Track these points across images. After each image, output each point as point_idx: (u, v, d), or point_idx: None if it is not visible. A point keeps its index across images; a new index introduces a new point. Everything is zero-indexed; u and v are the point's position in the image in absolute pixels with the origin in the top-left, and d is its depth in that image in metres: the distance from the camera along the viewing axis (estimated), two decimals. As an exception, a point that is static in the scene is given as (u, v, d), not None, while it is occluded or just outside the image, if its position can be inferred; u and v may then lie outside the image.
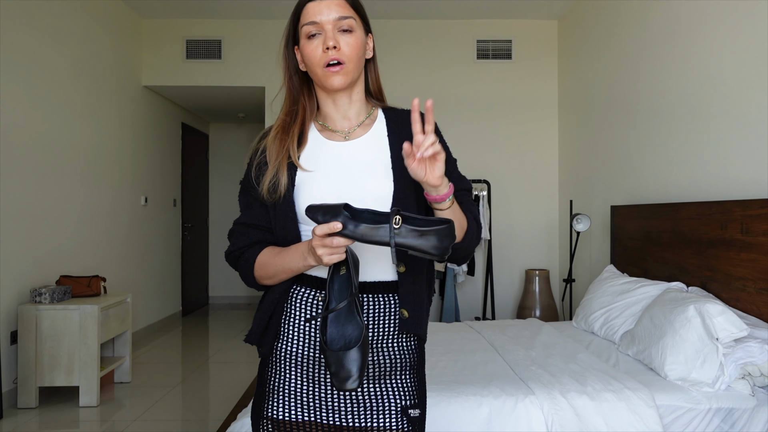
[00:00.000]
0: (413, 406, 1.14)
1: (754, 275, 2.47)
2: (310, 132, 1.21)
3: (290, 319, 1.15)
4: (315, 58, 1.12)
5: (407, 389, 1.15)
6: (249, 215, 1.21)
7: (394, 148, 1.17)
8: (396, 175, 1.14)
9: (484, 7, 5.00)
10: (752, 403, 2.10)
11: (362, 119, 1.21)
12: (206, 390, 3.91)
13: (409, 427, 1.12)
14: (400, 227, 0.95)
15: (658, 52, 3.48)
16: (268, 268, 1.14)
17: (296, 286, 1.16)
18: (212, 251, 7.55)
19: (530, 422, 2.03)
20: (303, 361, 1.14)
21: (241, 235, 1.21)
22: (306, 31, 1.13)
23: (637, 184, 3.76)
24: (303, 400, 1.13)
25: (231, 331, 5.75)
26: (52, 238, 3.84)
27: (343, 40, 1.12)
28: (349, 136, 1.19)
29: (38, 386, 3.38)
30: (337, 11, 1.12)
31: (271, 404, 1.15)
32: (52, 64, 3.88)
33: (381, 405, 1.12)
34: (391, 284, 1.15)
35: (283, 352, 1.15)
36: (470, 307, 5.29)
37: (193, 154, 6.88)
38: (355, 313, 1.02)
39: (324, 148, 1.18)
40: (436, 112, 1.36)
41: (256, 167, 1.18)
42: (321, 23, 1.12)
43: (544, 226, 5.30)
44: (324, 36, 1.11)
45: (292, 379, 1.14)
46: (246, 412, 2.07)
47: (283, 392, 1.14)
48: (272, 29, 5.26)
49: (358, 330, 1.02)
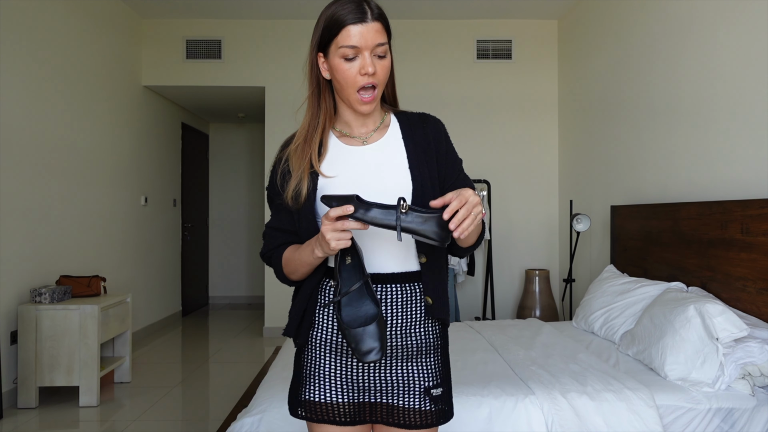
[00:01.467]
0: (436, 386, 1.25)
1: (754, 275, 2.47)
2: (330, 140, 1.27)
3: (324, 309, 1.26)
4: (350, 79, 1.17)
5: (431, 371, 1.26)
6: (276, 219, 1.31)
7: (410, 149, 1.26)
8: (414, 174, 1.22)
9: (484, 7, 5.00)
10: (752, 403, 2.10)
11: (378, 124, 1.29)
12: (206, 390, 3.91)
13: (431, 406, 1.23)
14: (407, 212, 1.05)
15: (658, 52, 3.48)
16: (290, 265, 1.25)
17: (326, 279, 1.26)
18: (212, 251, 7.56)
19: (530, 422, 2.03)
20: (336, 347, 1.24)
21: (271, 238, 1.32)
22: (344, 52, 1.16)
23: (637, 184, 3.76)
24: (337, 382, 1.24)
25: (231, 331, 5.75)
26: (52, 238, 3.84)
27: (379, 64, 1.18)
28: (367, 141, 1.27)
29: (38, 386, 3.38)
30: (377, 38, 1.16)
31: (307, 389, 1.25)
32: (52, 64, 3.88)
33: (406, 386, 1.23)
34: (415, 274, 1.25)
35: (317, 340, 1.26)
36: (470, 307, 5.29)
37: (193, 154, 6.88)
38: (367, 294, 1.15)
39: (344, 153, 1.25)
40: (436, 112, 1.37)
41: (281, 175, 1.26)
42: (361, 48, 1.15)
43: (544, 226, 5.30)
44: (362, 61, 1.16)
45: (328, 364, 1.24)
46: (246, 412, 2.08)
47: (319, 377, 1.24)
48: (272, 29, 5.27)
49: (374, 307, 1.14)
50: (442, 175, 1.27)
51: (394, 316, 1.22)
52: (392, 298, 1.22)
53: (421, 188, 1.21)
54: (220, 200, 7.57)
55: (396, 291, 1.23)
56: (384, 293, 1.22)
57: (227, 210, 7.54)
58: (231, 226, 7.56)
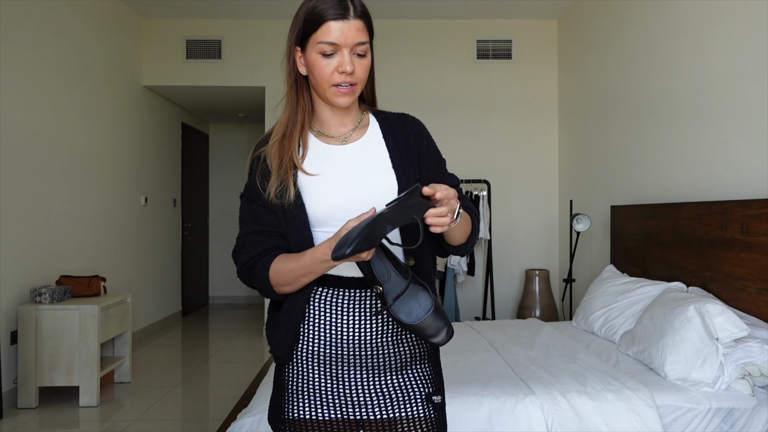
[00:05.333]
0: (435, 392, 1.18)
1: (754, 275, 2.47)
2: (309, 138, 1.22)
3: (311, 320, 1.16)
4: (326, 75, 1.12)
5: (428, 377, 1.19)
6: (258, 223, 1.18)
7: (392, 149, 1.21)
8: (398, 174, 1.18)
9: (484, 7, 5.00)
10: (752, 403, 2.10)
11: (356, 124, 1.24)
12: (206, 390, 3.91)
13: (434, 413, 1.16)
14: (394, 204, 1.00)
15: (658, 52, 3.48)
16: (287, 275, 1.12)
17: (317, 288, 1.17)
18: (212, 251, 7.55)
19: (530, 422, 2.03)
20: (324, 360, 1.15)
21: (253, 244, 1.17)
22: (322, 48, 1.11)
23: (637, 184, 3.76)
24: (327, 398, 1.15)
25: (231, 331, 5.75)
26: (52, 238, 3.84)
27: (358, 63, 1.13)
28: (347, 141, 1.22)
29: (38, 386, 3.38)
30: (357, 36, 1.11)
31: (292, 406, 1.16)
32: (52, 64, 3.88)
33: (405, 394, 1.16)
34: None
35: (303, 353, 1.16)
36: (470, 307, 5.29)
37: (193, 154, 6.88)
38: (417, 286, 1.09)
39: (325, 152, 1.20)
40: (435, 112, 1.36)
41: (260, 175, 1.18)
42: (340, 46, 1.11)
43: (544, 226, 5.30)
44: (341, 59, 1.11)
45: (315, 379, 1.15)
46: (246, 412, 2.08)
47: (306, 392, 1.15)
48: (272, 29, 5.26)
49: (425, 294, 1.08)
50: (425, 175, 1.23)
51: (384, 324, 1.16)
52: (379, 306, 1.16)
53: (406, 186, 1.17)
54: (220, 200, 7.57)
55: None
56: (372, 298, 1.16)
57: (227, 210, 7.54)
58: (231, 227, 7.55)
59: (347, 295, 1.16)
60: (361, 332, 1.15)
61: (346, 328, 1.15)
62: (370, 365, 1.15)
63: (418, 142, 1.24)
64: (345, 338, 1.14)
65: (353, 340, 1.14)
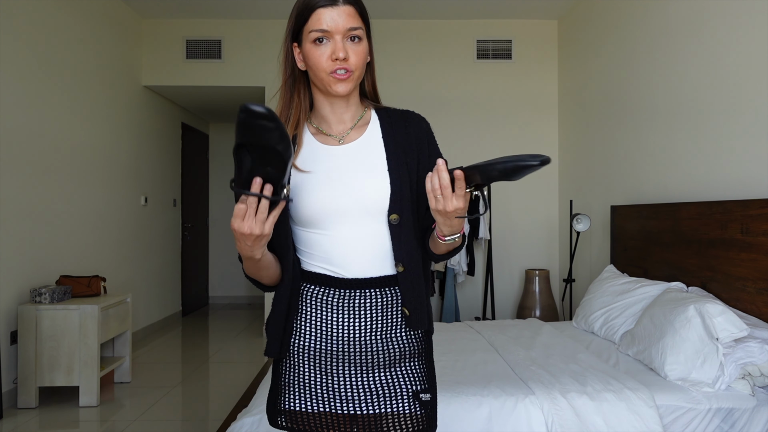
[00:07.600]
0: (424, 390, 1.20)
1: (754, 275, 2.47)
2: (305, 135, 1.22)
3: (303, 316, 1.20)
4: (321, 64, 1.12)
5: (417, 375, 1.21)
6: None
7: (390, 150, 1.20)
8: (392, 177, 1.17)
9: (484, 7, 5.00)
10: (752, 403, 2.10)
11: (356, 121, 1.23)
12: (206, 390, 3.91)
13: (421, 410, 1.18)
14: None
15: (658, 52, 3.48)
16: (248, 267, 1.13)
17: (305, 284, 1.20)
18: (212, 251, 7.55)
19: (530, 422, 2.03)
20: (316, 355, 1.19)
21: None
22: (313, 36, 1.12)
23: (637, 184, 3.76)
24: (317, 392, 1.18)
25: (231, 331, 5.75)
26: (52, 238, 3.83)
27: (352, 49, 1.13)
28: (344, 140, 1.21)
29: (38, 386, 3.38)
30: (348, 21, 1.12)
31: (286, 397, 1.20)
32: (52, 64, 3.88)
33: (393, 391, 1.18)
34: (392, 278, 1.19)
35: (296, 348, 1.20)
36: (470, 307, 5.29)
37: (193, 154, 6.88)
38: None
39: (319, 151, 1.20)
40: (436, 112, 1.36)
41: None
42: (331, 32, 1.11)
43: (544, 226, 5.30)
44: (333, 45, 1.11)
45: (306, 373, 1.19)
46: (246, 412, 2.08)
47: (297, 385, 1.19)
48: (272, 29, 5.26)
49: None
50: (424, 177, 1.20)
51: (374, 321, 1.18)
52: (371, 303, 1.17)
53: (399, 191, 1.16)
54: (220, 200, 7.57)
55: (375, 295, 1.18)
56: (363, 298, 1.17)
57: (227, 210, 7.54)
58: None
59: (339, 294, 1.18)
60: (350, 330, 1.17)
61: (337, 326, 1.17)
62: (360, 362, 1.18)
63: (419, 142, 1.22)
64: (335, 335, 1.18)
65: (343, 337, 1.17)
